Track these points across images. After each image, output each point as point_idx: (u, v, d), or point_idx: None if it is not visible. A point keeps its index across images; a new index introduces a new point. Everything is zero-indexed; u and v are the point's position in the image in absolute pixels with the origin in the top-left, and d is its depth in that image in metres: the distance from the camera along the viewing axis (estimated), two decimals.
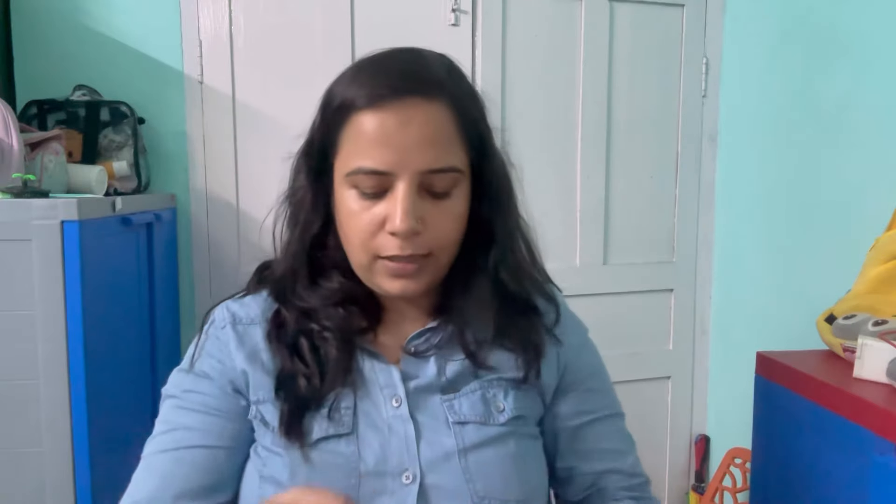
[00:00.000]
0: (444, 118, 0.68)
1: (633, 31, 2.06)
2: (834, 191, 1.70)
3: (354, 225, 0.69)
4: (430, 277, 0.71)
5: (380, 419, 0.71)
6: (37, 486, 1.15)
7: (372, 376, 0.73)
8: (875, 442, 1.02)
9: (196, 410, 0.72)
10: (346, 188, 0.69)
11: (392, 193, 0.67)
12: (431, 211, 0.68)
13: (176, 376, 0.76)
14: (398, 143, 0.66)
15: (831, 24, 1.71)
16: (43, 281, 1.13)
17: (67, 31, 1.71)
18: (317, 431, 0.69)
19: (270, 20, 1.80)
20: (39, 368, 1.14)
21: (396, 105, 0.66)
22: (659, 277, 2.18)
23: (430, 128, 0.67)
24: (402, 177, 0.66)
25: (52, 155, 1.37)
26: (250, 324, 0.76)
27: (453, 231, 0.71)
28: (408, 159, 0.66)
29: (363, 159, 0.66)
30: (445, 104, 0.68)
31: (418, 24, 1.87)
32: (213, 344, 0.75)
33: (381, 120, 0.66)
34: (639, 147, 2.12)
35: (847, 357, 1.24)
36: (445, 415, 0.72)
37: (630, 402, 2.39)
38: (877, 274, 1.34)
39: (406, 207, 0.66)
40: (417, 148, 0.66)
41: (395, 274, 0.69)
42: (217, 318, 0.77)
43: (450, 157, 0.68)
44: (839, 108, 1.68)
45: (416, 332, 0.75)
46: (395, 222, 0.66)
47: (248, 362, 0.73)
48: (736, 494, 2.00)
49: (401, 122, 0.66)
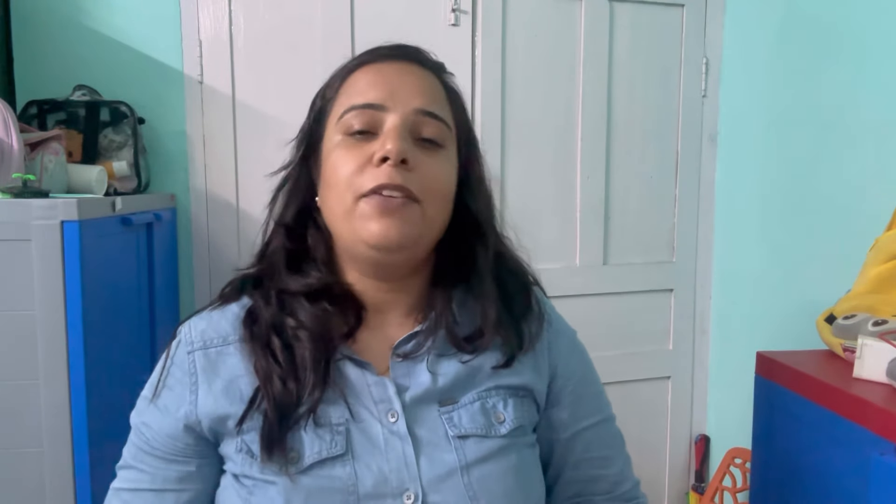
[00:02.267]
0: (438, 85, 0.72)
1: (633, 31, 2.06)
2: (834, 190, 1.70)
3: (341, 167, 0.67)
4: (418, 229, 0.67)
5: (375, 436, 0.67)
6: (37, 486, 1.15)
7: (364, 389, 0.69)
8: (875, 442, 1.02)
9: (146, 452, 0.71)
10: (335, 141, 0.69)
11: (382, 130, 0.67)
12: (420, 156, 0.68)
13: (140, 403, 0.74)
14: (391, 82, 0.68)
15: (831, 24, 1.71)
16: (43, 281, 1.13)
17: (67, 31, 1.71)
18: (309, 454, 0.65)
19: (270, 20, 1.80)
20: (39, 368, 1.14)
21: (395, 61, 0.71)
22: (659, 277, 2.18)
23: (425, 82, 0.71)
24: (393, 111, 0.67)
25: (52, 155, 1.37)
26: (223, 345, 0.71)
27: (442, 182, 0.70)
28: (400, 95, 0.68)
29: (357, 98, 0.68)
30: (436, 77, 0.73)
31: (418, 24, 1.87)
32: (178, 374, 0.71)
33: (377, 68, 0.70)
34: (639, 147, 2.12)
35: (847, 357, 1.23)
36: (445, 428, 0.69)
37: (630, 402, 2.41)
38: (877, 274, 1.34)
39: (398, 134, 0.66)
40: (411, 89, 0.69)
41: (379, 210, 0.65)
42: (184, 339, 0.73)
43: (442, 111, 0.71)
44: (839, 107, 1.68)
45: (405, 337, 0.72)
46: (385, 146, 0.65)
47: (224, 397, 0.69)
48: (736, 494, 2.00)
49: (396, 70, 0.70)
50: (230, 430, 0.68)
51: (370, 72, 0.70)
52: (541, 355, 0.77)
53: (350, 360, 0.70)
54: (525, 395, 0.75)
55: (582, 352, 0.84)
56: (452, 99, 0.74)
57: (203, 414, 0.69)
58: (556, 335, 0.80)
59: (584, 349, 0.84)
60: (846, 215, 1.66)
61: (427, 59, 0.74)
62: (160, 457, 0.71)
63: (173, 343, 0.74)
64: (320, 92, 0.74)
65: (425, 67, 0.72)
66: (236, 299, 0.75)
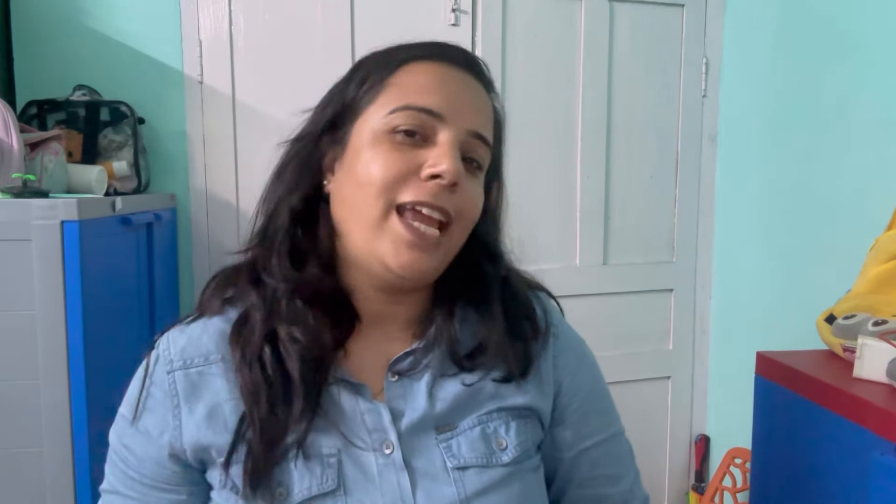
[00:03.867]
0: (490, 106, 0.69)
1: (633, 31, 2.06)
2: (834, 191, 1.70)
3: (382, 168, 0.61)
4: (443, 260, 0.65)
5: (369, 468, 0.63)
6: (37, 486, 1.15)
7: (356, 417, 0.64)
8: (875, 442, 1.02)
9: (130, 478, 0.66)
10: (378, 132, 0.63)
11: (435, 142, 0.63)
12: (464, 177, 0.64)
13: (119, 423, 0.68)
14: (454, 93, 0.64)
15: (831, 24, 1.71)
16: (43, 281, 1.13)
17: (67, 31, 1.71)
18: (298, 490, 0.60)
19: (270, 20, 1.80)
20: (39, 368, 1.14)
21: (459, 67, 0.66)
22: (659, 277, 2.18)
23: (483, 98, 0.67)
24: (450, 126, 0.63)
25: (52, 155, 1.37)
26: (205, 364, 0.65)
27: (476, 207, 0.66)
28: (461, 112, 0.64)
29: (414, 96, 0.63)
30: (490, 95, 0.70)
31: (418, 24, 1.87)
32: (159, 395, 0.65)
33: (443, 71, 0.65)
34: (639, 147, 2.12)
35: (847, 357, 1.23)
36: (443, 458, 0.64)
37: (630, 402, 2.41)
38: (877, 274, 1.34)
39: (454, 153, 0.61)
40: (470, 105, 0.65)
41: (412, 242, 0.61)
42: (162, 356, 0.66)
43: (489, 134, 0.67)
44: (839, 107, 1.68)
45: (401, 354, 0.67)
46: (441, 164, 0.61)
47: (207, 424, 0.63)
48: (736, 494, 2.00)
49: (461, 80, 0.66)
50: (214, 461, 0.64)
51: (431, 71, 0.64)
52: (545, 372, 0.73)
53: (343, 383, 0.65)
54: (529, 415, 0.71)
55: (590, 366, 0.79)
56: (496, 121, 0.71)
57: (187, 442, 0.64)
58: (562, 350, 0.76)
59: (594, 363, 0.80)
60: (846, 215, 1.66)
61: (484, 74, 0.70)
62: (148, 484, 0.66)
63: (151, 358, 0.67)
64: (366, 65, 0.67)
65: (481, 82, 0.69)
66: (219, 311, 0.68)
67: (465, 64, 0.67)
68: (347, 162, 0.65)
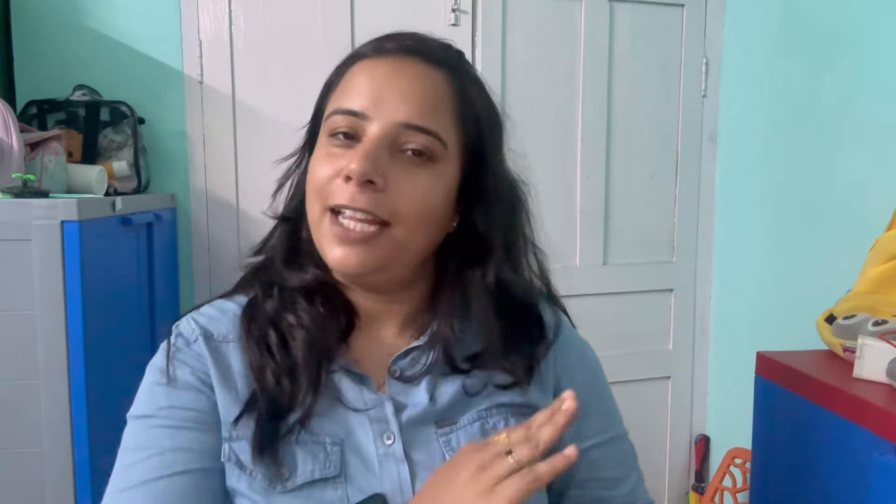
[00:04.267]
0: (440, 85, 0.64)
1: (633, 31, 2.06)
2: (834, 190, 1.70)
3: (316, 173, 0.63)
4: (382, 255, 0.63)
5: (370, 458, 0.64)
6: (37, 486, 1.15)
7: (359, 405, 0.65)
8: (875, 442, 1.02)
9: (187, 427, 0.63)
10: (322, 139, 0.65)
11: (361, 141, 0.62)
12: (399, 172, 0.62)
13: (146, 393, 0.66)
14: (380, 88, 0.62)
15: (831, 24, 1.71)
16: (43, 281, 1.13)
17: (67, 31, 1.71)
18: (301, 472, 0.62)
19: (270, 20, 1.80)
20: (39, 368, 1.14)
21: (394, 58, 0.64)
22: (659, 277, 2.18)
23: (420, 85, 0.63)
24: (375, 122, 0.62)
25: (52, 155, 1.37)
26: (224, 341, 0.67)
27: (421, 203, 0.63)
28: (385, 106, 0.62)
29: (343, 101, 0.64)
30: (445, 75, 0.65)
31: (418, 24, 1.84)
32: (188, 352, 0.66)
33: (373, 66, 0.64)
34: (639, 147, 2.12)
35: (847, 357, 1.23)
36: (443, 452, 0.65)
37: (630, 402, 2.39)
38: (877, 274, 1.34)
39: (367, 150, 0.60)
40: (398, 97, 0.62)
41: (338, 238, 0.62)
42: (184, 330, 0.68)
43: (434, 122, 0.63)
44: (839, 107, 1.68)
45: (402, 352, 0.68)
46: (350, 164, 0.60)
47: (223, 390, 0.64)
48: (736, 494, 2.00)
49: (389, 72, 0.63)
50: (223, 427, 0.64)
51: (363, 71, 0.64)
52: (545, 370, 0.73)
53: (347, 373, 0.66)
54: (528, 412, 0.69)
55: (592, 365, 0.78)
56: (459, 102, 0.65)
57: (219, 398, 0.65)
58: (563, 348, 0.75)
59: (596, 363, 0.79)
60: (846, 215, 1.66)
61: (434, 53, 0.66)
62: (209, 430, 0.63)
63: (172, 337, 0.68)
64: (327, 80, 0.70)
65: (431, 64, 0.65)
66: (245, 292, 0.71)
67: (405, 50, 0.65)
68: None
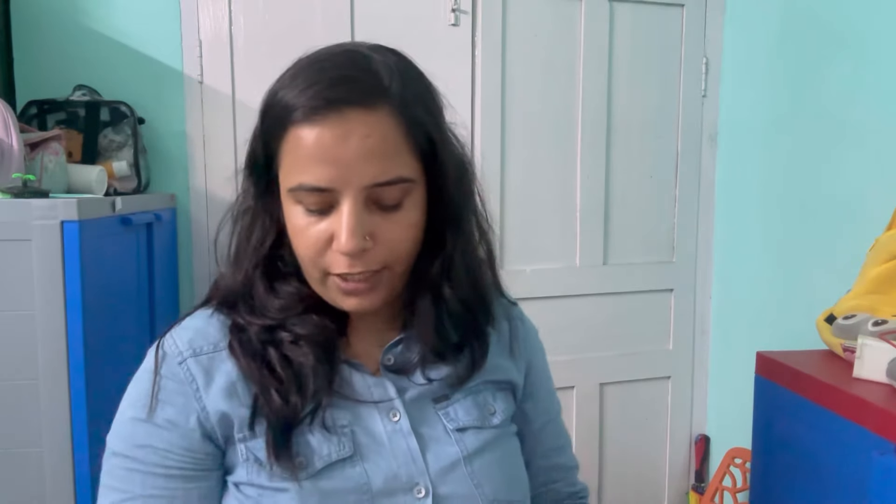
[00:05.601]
0: (388, 127, 0.62)
1: (633, 31, 2.06)
2: (834, 190, 1.70)
3: (303, 241, 0.65)
4: (387, 291, 0.67)
5: (379, 436, 0.69)
6: (37, 486, 1.15)
7: (365, 391, 0.70)
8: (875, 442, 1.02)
9: (155, 474, 0.65)
10: (291, 203, 0.65)
11: (337, 210, 0.62)
12: (382, 225, 0.64)
13: (125, 427, 0.67)
14: (337, 158, 0.60)
15: (831, 23, 1.71)
16: (43, 281, 1.13)
17: (67, 31, 1.71)
18: (318, 458, 0.65)
19: (270, 20, 1.80)
20: (39, 368, 1.14)
21: (333, 118, 0.60)
22: (659, 277, 2.18)
23: (372, 139, 0.61)
24: (345, 193, 0.61)
25: (52, 155, 1.37)
26: (214, 351, 0.68)
27: (407, 241, 0.66)
28: (349, 175, 0.61)
29: (303, 175, 0.62)
30: (388, 112, 0.62)
31: (418, 24, 1.87)
32: (173, 386, 0.66)
33: (319, 134, 0.60)
34: (639, 147, 2.12)
35: (847, 357, 1.23)
36: (443, 423, 0.72)
37: (630, 402, 2.41)
38: (877, 274, 1.34)
39: (351, 226, 0.61)
40: (359, 162, 0.61)
41: (347, 292, 0.65)
42: (170, 352, 0.68)
43: (397, 168, 0.62)
44: (839, 107, 1.68)
45: (391, 343, 0.72)
46: (340, 242, 0.62)
47: (226, 399, 0.66)
48: (736, 494, 2.00)
49: (338, 137, 0.60)
50: (234, 437, 0.66)
51: (309, 139, 0.61)
52: (519, 351, 0.81)
53: (349, 364, 0.71)
54: (508, 388, 0.79)
55: (543, 349, 0.88)
56: (408, 128, 0.63)
57: (213, 417, 0.66)
58: (527, 332, 0.84)
59: (543, 347, 0.89)
60: (846, 215, 1.66)
61: (372, 93, 0.62)
62: (176, 475, 0.65)
63: (158, 357, 0.68)
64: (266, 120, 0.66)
65: (371, 107, 0.61)
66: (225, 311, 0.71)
67: (341, 101, 0.61)
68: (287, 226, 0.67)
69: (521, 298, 0.90)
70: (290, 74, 0.65)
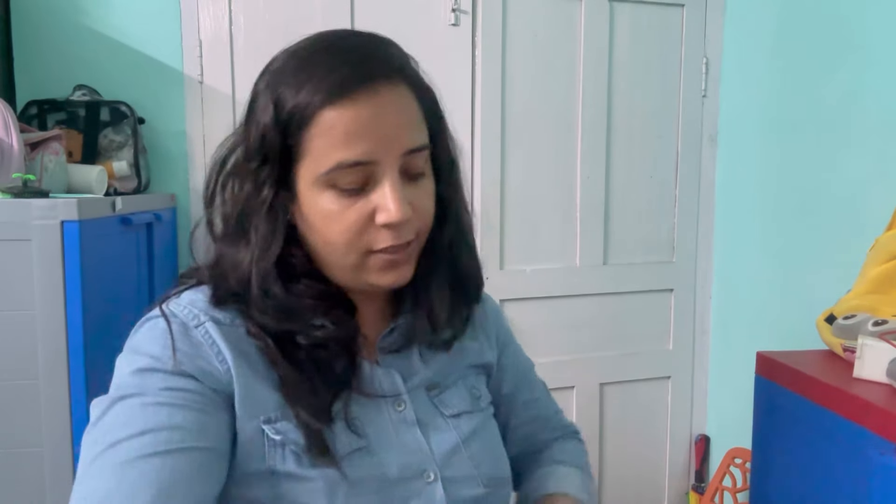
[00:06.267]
0: (410, 99, 0.65)
1: (633, 31, 2.06)
2: (834, 190, 1.70)
3: (339, 226, 0.64)
4: (416, 258, 0.70)
5: (387, 426, 0.70)
6: (37, 486, 1.15)
7: (373, 382, 0.71)
8: (875, 442, 1.02)
9: (184, 406, 0.59)
10: (319, 191, 0.63)
11: (377, 185, 0.63)
12: (416, 193, 0.66)
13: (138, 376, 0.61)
14: (376, 130, 0.62)
15: (831, 23, 1.71)
16: (43, 281, 1.13)
17: (67, 31, 1.71)
18: (339, 448, 0.65)
19: (270, 20, 1.80)
20: (39, 368, 1.14)
21: (365, 93, 0.62)
22: (659, 277, 2.18)
23: (403, 110, 0.65)
24: (385, 164, 0.63)
25: (52, 155, 1.37)
26: (232, 325, 0.65)
27: (432, 209, 0.69)
28: (388, 145, 0.63)
29: (341, 153, 0.61)
30: (406, 85, 0.65)
31: (418, 24, 1.87)
32: (190, 343, 0.63)
33: (355, 111, 0.61)
34: (639, 147, 2.12)
35: (847, 357, 1.23)
36: (438, 410, 0.74)
37: (630, 402, 2.40)
38: (877, 274, 1.34)
39: (398, 195, 0.63)
40: (395, 131, 0.63)
41: (390, 265, 0.66)
42: (186, 315, 0.64)
43: (423, 136, 0.67)
44: (839, 107, 1.68)
45: (387, 331, 0.74)
46: (391, 213, 0.62)
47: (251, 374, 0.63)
48: (736, 494, 2.00)
49: (375, 111, 0.62)
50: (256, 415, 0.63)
51: (345, 117, 0.61)
52: (490, 331, 0.85)
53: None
54: (487, 370, 0.84)
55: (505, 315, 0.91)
56: (422, 98, 0.67)
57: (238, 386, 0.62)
58: (491, 307, 0.88)
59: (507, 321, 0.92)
60: (846, 215, 1.66)
61: (392, 66, 0.64)
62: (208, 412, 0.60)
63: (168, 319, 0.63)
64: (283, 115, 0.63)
65: (393, 80, 0.64)
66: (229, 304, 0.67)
67: (370, 76, 0.62)
68: (311, 222, 0.65)
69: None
70: (296, 65, 0.64)
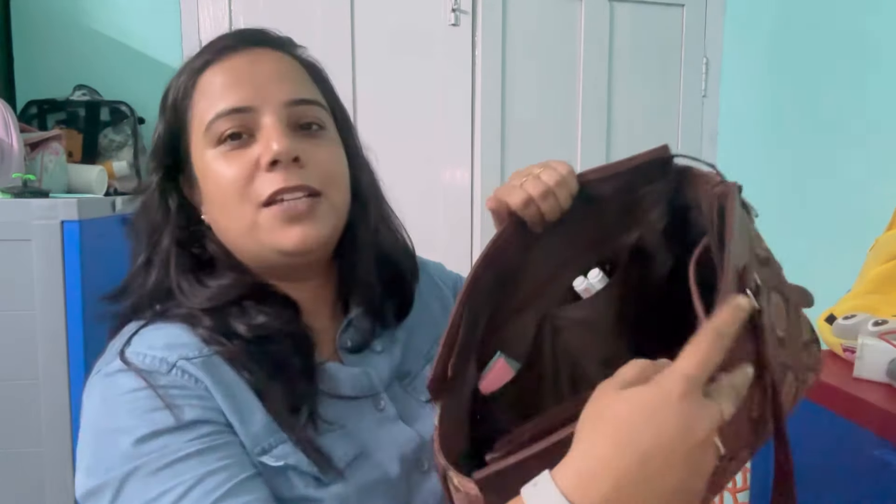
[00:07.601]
0: (294, 64, 0.66)
1: (633, 31, 2.06)
2: (834, 190, 1.70)
3: (226, 179, 0.61)
4: (330, 225, 0.64)
5: (373, 425, 0.67)
6: (37, 486, 1.15)
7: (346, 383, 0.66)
8: (875, 442, 1.02)
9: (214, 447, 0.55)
10: (207, 150, 0.62)
11: (260, 132, 0.61)
12: (307, 147, 0.63)
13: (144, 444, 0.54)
14: (251, 78, 0.62)
15: (831, 23, 1.71)
16: (43, 281, 1.13)
17: (67, 31, 1.71)
18: (339, 458, 0.61)
19: (271, 20, 1.79)
20: (39, 368, 1.14)
21: (244, 51, 0.64)
22: None
23: (283, 66, 0.65)
24: (265, 111, 0.62)
25: (52, 155, 1.37)
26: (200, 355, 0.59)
27: (335, 169, 0.65)
28: (266, 92, 0.62)
29: (220, 103, 0.61)
30: (295, 58, 0.67)
31: (418, 24, 1.87)
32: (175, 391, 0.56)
33: (230, 64, 0.63)
34: (639, 147, 2.09)
35: (847, 357, 1.23)
36: (413, 398, 0.72)
37: None
38: (877, 274, 1.34)
39: (279, 131, 0.61)
40: (273, 81, 0.63)
41: (288, 217, 0.60)
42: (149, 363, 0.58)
43: (313, 93, 0.66)
44: (839, 107, 1.68)
45: (343, 326, 0.70)
46: (271, 147, 0.60)
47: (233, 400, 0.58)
48: (736, 494, 2.00)
49: (250, 61, 0.63)
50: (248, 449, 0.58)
51: (222, 71, 0.63)
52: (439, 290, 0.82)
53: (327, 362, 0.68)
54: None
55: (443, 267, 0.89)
56: (314, 74, 0.69)
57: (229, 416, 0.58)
58: (433, 269, 0.84)
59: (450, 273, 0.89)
60: (846, 215, 1.66)
61: (276, 39, 0.68)
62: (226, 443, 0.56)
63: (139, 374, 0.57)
64: (169, 102, 0.66)
65: (276, 48, 0.66)
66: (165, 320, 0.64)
67: (250, 42, 0.65)
68: (206, 193, 0.64)
69: None
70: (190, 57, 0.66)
